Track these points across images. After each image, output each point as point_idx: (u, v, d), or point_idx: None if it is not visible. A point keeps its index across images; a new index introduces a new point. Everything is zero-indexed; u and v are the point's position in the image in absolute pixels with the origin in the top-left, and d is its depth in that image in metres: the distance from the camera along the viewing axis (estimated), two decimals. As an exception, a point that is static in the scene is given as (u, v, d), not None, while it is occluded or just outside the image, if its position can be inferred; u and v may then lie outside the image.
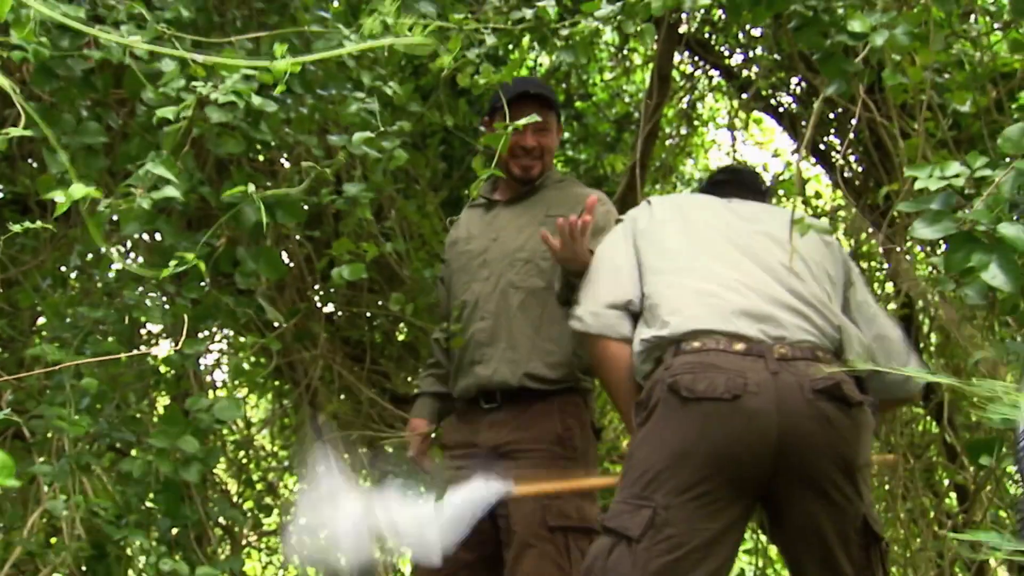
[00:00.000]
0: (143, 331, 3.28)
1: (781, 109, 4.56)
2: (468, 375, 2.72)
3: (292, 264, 3.59)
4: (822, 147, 4.24)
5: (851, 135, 3.79)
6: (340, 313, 4.17)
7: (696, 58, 4.56)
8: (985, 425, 3.69)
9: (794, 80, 4.34)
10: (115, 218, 2.71)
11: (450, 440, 2.79)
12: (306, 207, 2.61)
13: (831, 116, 3.90)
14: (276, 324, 3.10)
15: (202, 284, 2.44)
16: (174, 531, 2.54)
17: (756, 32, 4.26)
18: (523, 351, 2.65)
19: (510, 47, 3.89)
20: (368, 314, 4.07)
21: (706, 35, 4.42)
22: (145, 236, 3.16)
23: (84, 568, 2.48)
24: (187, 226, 2.71)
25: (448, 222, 3.31)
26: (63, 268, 3.09)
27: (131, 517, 2.40)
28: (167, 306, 2.52)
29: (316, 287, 3.89)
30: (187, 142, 2.23)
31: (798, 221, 2.00)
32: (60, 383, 2.33)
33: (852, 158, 4.20)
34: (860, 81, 2.33)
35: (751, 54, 4.42)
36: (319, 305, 3.95)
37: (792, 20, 2.31)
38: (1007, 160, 1.73)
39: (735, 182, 2.57)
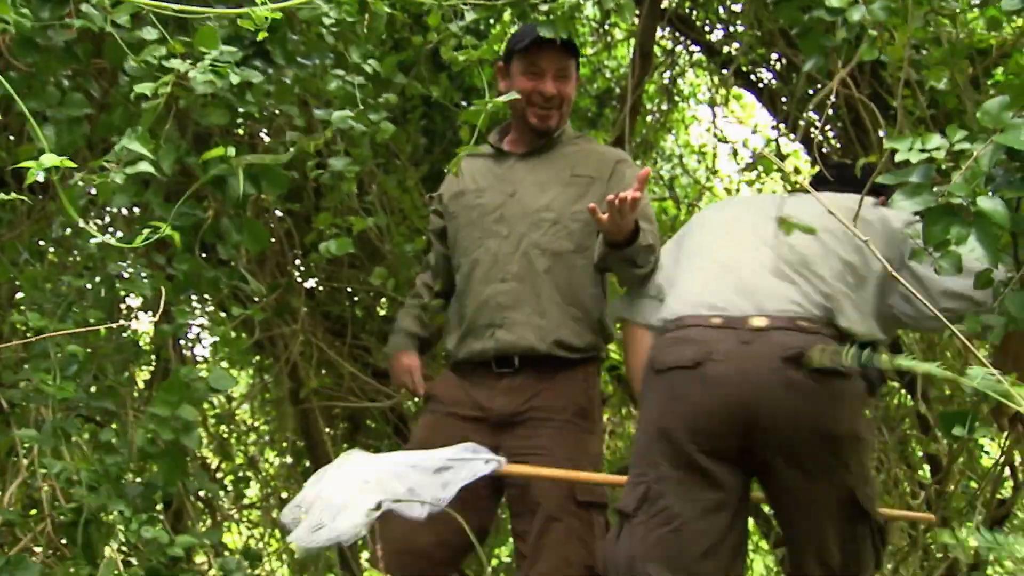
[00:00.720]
0: (123, 304, 3.27)
1: (761, 85, 4.58)
2: (484, 338, 2.57)
3: (272, 239, 3.58)
4: (801, 123, 4.26)
5: (830, 111, 3.81)
6: (321, 288, 4.17)
7: (677, 34, 4.56)
8: (958, 398, 3.75)
9: (774, 56, 4.36)
10: (93, 191, 2.69)
11: (447, 397, 2.64)
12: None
13: (810, 92, 3.91)
14: (257, 299, 3.09)
15: (190, 255, 2.43)
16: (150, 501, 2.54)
17: (737, 8, 4.27)
18: (553, 318, 2.53)
19: (491, 21, 3.87)
20: (349, 289, 4.06)
21: (687, 10, 4.42)
22: (124, 210, 3.13)
23: (63, 538, 2.48)
24: (166, 198, 2.68)
25: (427, 198, 3.29)
26: (41, 241, 3.06)
27: (107, 487, 2.40)
28: (145, 278, 2.51)
29: (296, 262, 3.88)
30: (170, 113, 2.20)
31: (782, 220, 2.03)
32: (44, 351, 2.32)
33: (831, 134, 4.23)
34: (839, 57, 2.33)
35: (732, 30, 4.42)
36: (299, 280, 3.94)
37: (772, -6, 2.31)
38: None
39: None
